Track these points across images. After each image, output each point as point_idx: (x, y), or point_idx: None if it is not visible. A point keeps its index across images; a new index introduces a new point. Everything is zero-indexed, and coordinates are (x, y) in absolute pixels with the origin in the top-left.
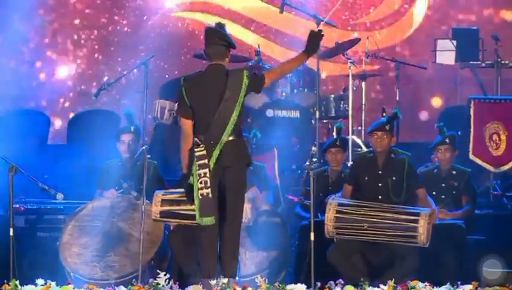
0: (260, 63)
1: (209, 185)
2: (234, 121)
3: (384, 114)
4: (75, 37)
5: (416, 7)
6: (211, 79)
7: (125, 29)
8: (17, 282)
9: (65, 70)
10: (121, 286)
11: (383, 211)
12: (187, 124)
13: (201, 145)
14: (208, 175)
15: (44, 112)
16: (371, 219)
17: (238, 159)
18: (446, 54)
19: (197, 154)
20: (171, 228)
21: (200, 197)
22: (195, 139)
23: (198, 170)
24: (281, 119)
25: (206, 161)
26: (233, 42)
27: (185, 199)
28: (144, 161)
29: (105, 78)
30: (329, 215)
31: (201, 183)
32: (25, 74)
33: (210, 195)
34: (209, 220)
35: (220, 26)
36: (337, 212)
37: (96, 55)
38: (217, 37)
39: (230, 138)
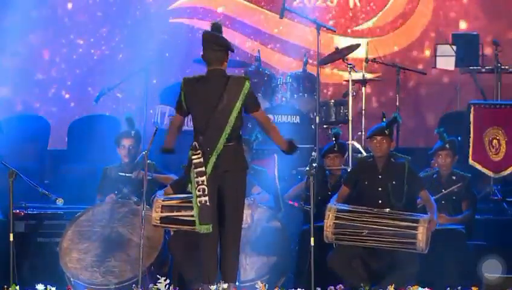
0: (260, 69)
1: (207, 192)
2: (231, 127)
3: (384, 119)
4: (74, 41)
5: (417, 12)
6: (210, 84)
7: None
8: (17, 287)
9: (64, 75)
10: None
11: (382, 217)
12: (176, 118)
13: (198, 151)
14: (205, 183)
15: (44, 117)
16: (370, 225)
17: (236, 164)
18: (446, 59)
19: (194, 161)
20: (172, 233)
21: (199, 204)
22: (195, 142)
23: (196, 177)
24: (281, 124)
25: (203, 168)
26: (231, 46)
27: (185, 205)
28: (145, 166)
29: (106, 83)
30: (328, 221)
31: (199, 191)
32: (25, 78)
33: (208, 203)
34: (206, 228)
35: (217, 27)
36: (336, 218)
37: (95, 60)
38: (214, 41)
39: (228, 144)
